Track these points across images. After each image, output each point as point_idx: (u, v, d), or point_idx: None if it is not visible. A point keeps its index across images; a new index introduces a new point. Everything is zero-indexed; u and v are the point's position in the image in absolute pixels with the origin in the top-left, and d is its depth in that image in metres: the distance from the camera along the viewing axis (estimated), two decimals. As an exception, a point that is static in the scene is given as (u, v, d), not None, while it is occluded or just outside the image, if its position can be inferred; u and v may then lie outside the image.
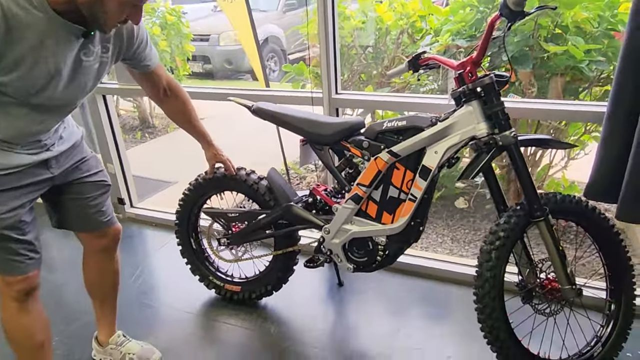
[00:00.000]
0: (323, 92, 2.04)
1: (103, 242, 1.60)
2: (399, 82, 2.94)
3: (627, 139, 1.41)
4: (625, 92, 1.37)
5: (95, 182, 1.53)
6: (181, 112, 1.69)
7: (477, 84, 1.48)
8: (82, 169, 1.50)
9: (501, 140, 1.48)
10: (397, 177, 1.63)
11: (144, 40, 1.43)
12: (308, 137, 1.74)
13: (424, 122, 1.57)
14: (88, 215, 1.53)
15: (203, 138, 1.79)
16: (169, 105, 1.66)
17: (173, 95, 1.64)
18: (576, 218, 1.61)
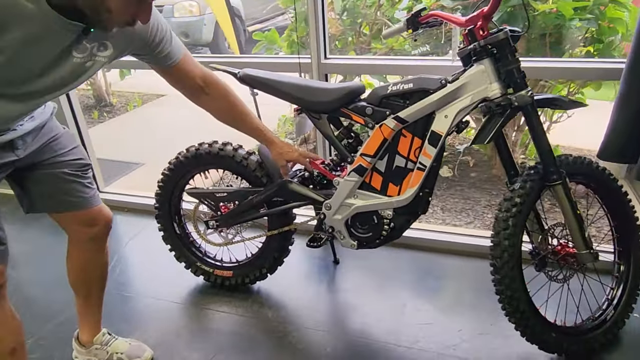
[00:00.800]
0: (312, 57, 1.88)
1: (93, 230, 1.41)
2: (380, 46, 2.80)
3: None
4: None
5: (69, 161, 1.33)
6: (226, 110, 1.48)
7: (490, 40, 1.36)
8: (53, 147, 1.30)
9: (517, 100, 1.38)
10: (403, 145, 1.51)
11: (165, 37, 1.23)
12: (304, 105, 1.59)
13: (432, 84, 1.45)
14: (67, 190, 1.33)
15: (261, 136, 1.57)
16: (210, 104, 1.45)
17: (212, 92, 1.42)
18: (587, 180, 1.55)
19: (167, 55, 1.27)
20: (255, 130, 1.55)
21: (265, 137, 1.58)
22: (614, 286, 1.63)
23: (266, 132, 1.57)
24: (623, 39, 2.52)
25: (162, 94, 4.97)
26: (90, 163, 1.40)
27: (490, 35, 1.38)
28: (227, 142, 1.76)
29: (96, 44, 1.09)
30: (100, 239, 1.46)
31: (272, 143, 1.59)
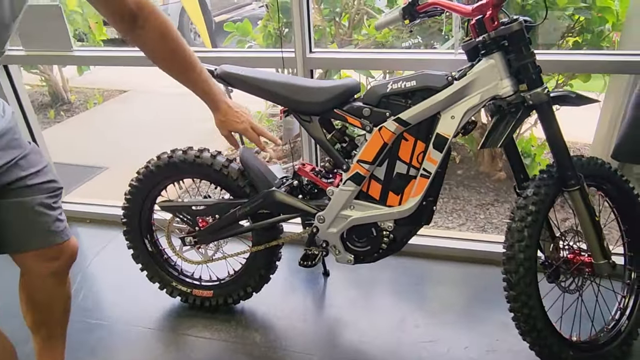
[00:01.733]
0: (296, 51, 1.69)
1: (55, 264, 1.18)
2: (362, 38, 2.64)
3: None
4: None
5: (39, 185, 1.10)
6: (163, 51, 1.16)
7: (502, 31, 1.22)
8: (22, 166, 1.06)
9: (532, 98, 1.24)
10: (405, 150, 1.36)
11: None
12: (292, 106, 1.40)
13: (438, 81, 1.29)
14: (35, 225, 1.10)
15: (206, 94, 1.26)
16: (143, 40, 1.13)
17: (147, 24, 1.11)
18: (600, 182, 1.44)
19: None
20: (199, 85, 1.24)
21: (209, 97, 1.27)
22: (626, 294, 1.54)
23: (212, 91, 1.26)
24: (613, 29, 2.45)
25: (124, 90, 4.65)
26: (62, 187, 1.17)
27: (501, 26, 1.23)
28: (204, 148, 1.57)
29: None
30: (63, 271, 1.24)
31: (216, 108, 1.30)
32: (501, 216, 2.33)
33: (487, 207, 2.40)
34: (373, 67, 2.02)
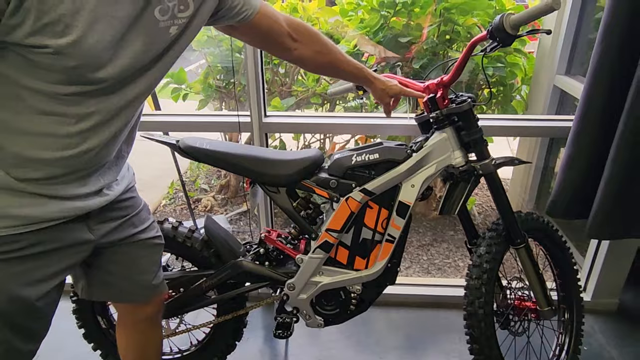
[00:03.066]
0: (252, 116, 1.72)
1: (149, 310, 1.26)
2: (300, 89, 2.72)
3: (592, 157, 1.43)
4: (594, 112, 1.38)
5: (147, 240, 1.13)
6: (325, 53, 1.27)
7: (454, 110, 1.35)
8: (134, 223, 1.09)
9: (481, 168, 1.39)
10: (370, 217, 1.43)
11: None
12: (260, 179, 1.42)
13: (398, 154, 1.39)
14: (137, 283, 1.18)
15: (363, 73, 1.36)
16: (304, 51, 1.23)
17: (303, 35, 1.21)
18: (535, 234, 1.62)
19: (246, 3, 1.07)
20: (357, 71, 1.36)
21: (365, 75, 1.38)
22: (562, 331, 1.72)
23: (362, 72, 1.38)
24: (522, 83, 2.77)
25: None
26: (164, 242, 1.24)
27: (452, 104, 1.37)
28: (164, 218, 1.53)
29: (176, 2, 0.88)
30: (157, 316, 1.32)
31: (371, 82, 1.40)
32: (441, 256, 2.49)
33: (428, 247, 2.56)
34: (328, 131, 2.10)
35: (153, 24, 0.85)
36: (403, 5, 2.45)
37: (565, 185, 1.50)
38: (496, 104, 2.78)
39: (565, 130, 1.58)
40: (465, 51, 1.29)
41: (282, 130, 2.07)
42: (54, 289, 0.98)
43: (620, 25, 1.26)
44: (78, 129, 0.86)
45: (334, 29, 2.72)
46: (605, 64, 1.31)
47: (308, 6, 2.56)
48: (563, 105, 2.41)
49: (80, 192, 0.94)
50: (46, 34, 0.73)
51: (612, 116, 1.34)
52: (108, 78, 0.83)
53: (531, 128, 1.73)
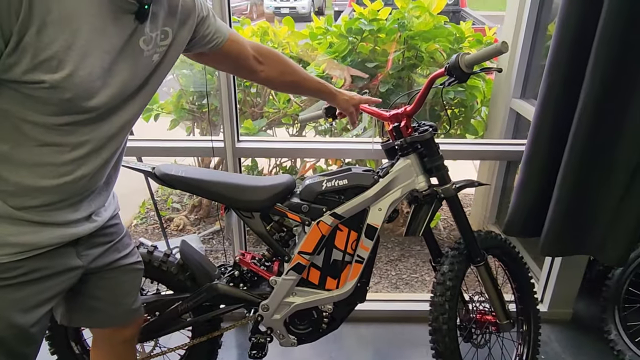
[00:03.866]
0: (225, 141, 1.77)
1: (127, 333, 1.28)
2: (272, 110, 2.79)
3: (543, 181, 1.56)
4: (543, 139, 1.51)
5: (129, 265, 1.16)
6: (288, 73, 1.37)
7: (417, 138, 1.45)
8: (118, 248, 1.12)
9: (443, 192, 1.49)
10: (340, 239, 1.51)
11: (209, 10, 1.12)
12: (235, 204, 1.48)
13: (366, 179, 1.48)
14: (121, 306, 1.21)
15: (326, 89, 1.47)
16: (270, 73, 1.34)
17: (268, 58, 1.32)
18: (494, 251, 1.73)
19: (217, 30, 1.15)
20: (320, 86, 1.46)
21: (328, 89, 1.49)
22: (521, 341, 1.83)
23: (323, 87, 1.48)
24: (481, 104, 2.93)
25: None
26: (143, 267, 1.26)
27: (416, 132, 1.47)
28: (140, 242, 1.56)
29: (158, 32, 0.96)
30: (133, 338, 1.34)
31: (335, 95, 1.50)
32: (409, 271, 2.59)
33: (396, 263, 2.65)
34: (300, 156, 2.18)
35: (138, 53, 0.93)
36: (369, 31, 2.57)
37: (520, 207, 1.62)
38: (458, 123, 2.93)
39: (519, 154, 1.71)
40: (425, 85, 1.40)
41: (255, 155, 2.14)
42: (45, 315, 1.01)
43: (564, 59, 1.39)
44: (73, 156, 0.92)
45: (304, 52, 2.81)
46: (552, 95, 1.44)
47: (278, 31, 2.64)
48: (519, 127, 2.57)
49: (73, 218, 0.99)
50: (42, 70, 0.78)
51: (560, 143, 1.47)
52: (99, 106, 0.89)
53: (488, 152, 1.85)
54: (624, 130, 1.39)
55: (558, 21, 1.39)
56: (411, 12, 2.54)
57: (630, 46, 1.29)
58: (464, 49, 2.74)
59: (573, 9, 1.35)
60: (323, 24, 2.79)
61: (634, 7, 1.25)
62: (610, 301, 2.00)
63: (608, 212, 1.48)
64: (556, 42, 1.40)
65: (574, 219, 1.51)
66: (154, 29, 0.95)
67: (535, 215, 1.60)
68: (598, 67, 1.30)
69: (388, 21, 2.57)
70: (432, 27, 2.53)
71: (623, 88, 1.35)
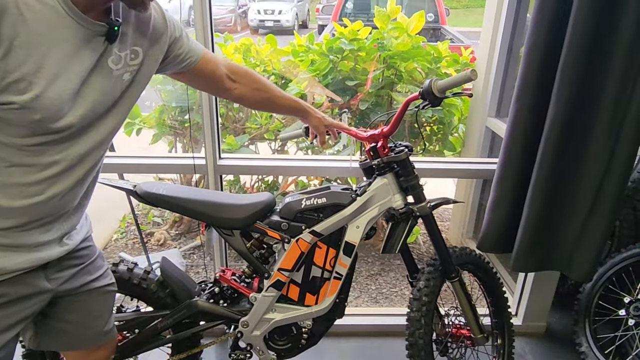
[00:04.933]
0: (207, 158, 1.80)
1: (100, 354, 1.27)
2: (254, 126, 2.83)
3: (514, 200, 1.62)
4: (513, 162, 1.58)
5: (101, 287, 1.16)
6: (262, 90, 1.40)
7: (393, 158, 1.50)
8: (89, 271, 1.12)
9: (419, 210, 1.54)
10: (319, 256, 1.54)
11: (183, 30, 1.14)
12: (215, 222, 1.50)
13: (344, 198, 1.52)
14: (92, 328, 1.20)
15: (299, 106, 1.49)
16: (243, 91, 1.36)
17: (241, 76, 1.35)
18: (469, 267, 1.79)
19: (190, 50, 1.18)
20: (294, 103, 1.49)
21: (302, 107, 1.51)
22: (495, 354, 1.88)
23: (298, 104, 1.50)
24: (459, 122, 3.02)
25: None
26: (116, 289, 1.26)
27: (392, 152, 1.52)
28: (119, 260, 1.57)
29: (127, 52, 0.98)
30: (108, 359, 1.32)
31: (308, 113, 1.53)
32: (389, 285, 2.63)
33: (376, 277, 2.69)
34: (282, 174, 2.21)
35: (107, 72, 0.95)
36: (350, 51, 2.63)
37: (492, 224, 1.68)
38: (437, 140, 3.01)
39: (491, 173, 1.78)
40: (401, 108, 1.45)
41: (237, 172, 2.17)
42: (13, 339, 1.01)
43: (532, 85, 1.47)
44: (44, 176, 0.93)
45: (286, 68, 2.86)
46: (520, 119, 1.51)
47: (261, 49, 2.69)
48: (494, 144, 2.66)
49: (43, 240, 0.99)
50: (11, 91, 0.81)
51: (529, 164, 1.54)
52: (69, 126, 0.91)
53: (464, 170, 1.92)
54: (588, 151, 1.46)
55: (525, 48, 1.47)
56: (390, 33, 2.62)
57: (593, 71, 1.37)
58: (442, 69, 2.83)
59: (539, 36, 1.42)
60: (305, 42, 2.85)
61: (597, 33, 1.32)
62: (581, 314, 2.07)
63: (574, 229, 1.54)
64: (524, 69, 1.47)
65: (542, 236, 1.57)
66: (123, 49, 0.98)
67: (507, 232, 1.66)
68: (563, 91, 1.38)
69: (368, 40, 2.64)
70: (411, 47, 2.61)
71: (586, 111, 1.42)
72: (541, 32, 1.40)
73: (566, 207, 1.53)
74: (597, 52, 1.33)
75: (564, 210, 1.54)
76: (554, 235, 1.57)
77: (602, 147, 1.43)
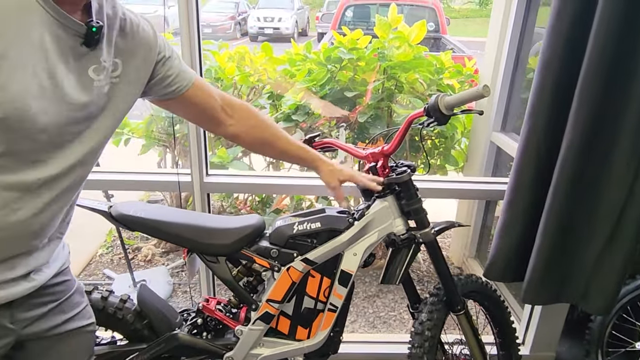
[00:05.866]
0: (192, 175, 1.67)
1: None
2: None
3: (526, 225, 1.49)
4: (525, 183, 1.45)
5: (79, 328, 1.03)
6: (261, 128, 1.24)
7: (394, 180, 1.37)
8: (63, 309, 0.98)
9: (421, 237, 1.40)
10: (312, 286, 1.41)
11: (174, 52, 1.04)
12: (198, 248, 1.37)
13: (340, 223, 1.38)
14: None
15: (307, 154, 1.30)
16: (239, 127, 1.21)
17: (237, 112, 1.19)
18: (476, 296, 1.65)
19: (182, 73, 1.06)
20: (301, 152, 1.30)
21: (311, 157, 1.31)
22: (503, 390, 1.75)
23: (307, 154, 1.31)
24: (461, 135, 2.90)
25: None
26: (96, 328, 1.13)
27: (393, 173, 1.39)
28: (93, 287, 1.43)
29: (111, 62, 0.89)
30: None
31: (319, 165, 1.33)
32: (387, 308, 2.49)
33: (374, 299, 2.55)
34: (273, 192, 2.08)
35: (87, 82, 0.86)
36: (349, 60, 2.52)
37: (501, 251, 1.55)
38: (438, 154, 2.88)
39: (499, 194, 1.65)
40: (404, 126, 1.33)
41: (225, 191, 2.03)
42: None
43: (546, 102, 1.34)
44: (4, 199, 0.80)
45: (282, 77, 2.74)
46: (534, 138, 1.39)
47: (255, 57, 2.57)
48: (499, 160, 2.53)
49: (7, 277, 0.86)
50: None
51: (543, 187, 1.41)
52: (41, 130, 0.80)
53: (469, 191, 1.79)
54: (610, 174, 1.34)
55: (540, 61, 1.35)
56: (391, 42, 2.50)
57: (614, 89, 1.25)
58: (444, 80, 2.71)
59: (556, 48, 1.30)
60: (302, 50, 2.73)
61: (619, 49, 1.20)
62: (593, 345, 1.93)
63: (592, 259, 1.41)
64: (538, 83, 1.35)
65: (556, 267, 1.44)
66: (107, 59, 0.88)
67: (518, 259, 1.53)
68: (582, 110, 1.25)
69: (368, 49, 2.52)
70: (412, 57, 2.49)
71: (607, 132, 1.30)
72: (558, 44, 1.27)
73: (583, 234, 1.40)
74: (621, 68, 1.20)
75: (580, 237, 1.41)
76: (569, 264, 1.44)
77: (624, 169, 1.30)
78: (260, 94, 2.69)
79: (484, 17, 16.09)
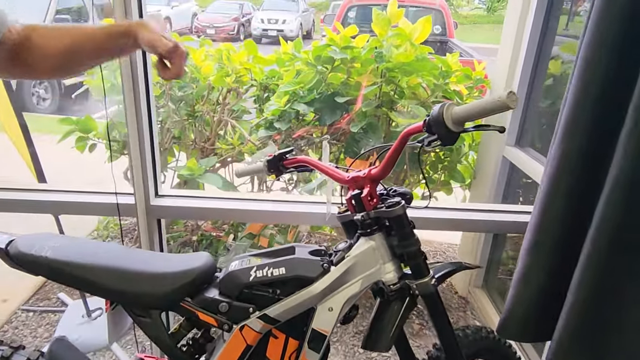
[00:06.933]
0: (136, 195, 1.34)
1: None
2: (225, 147, 2.38)
3: (552, 272, 1.16)
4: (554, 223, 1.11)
5: None
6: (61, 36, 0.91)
7: (384, 214, 1.04)
8: None
9: (418, 288, 1.07)
10: (275, 349, 1.08)
11: None
12: (123, 300, 1.04)
13: (311, 269, 1.06)
14: None
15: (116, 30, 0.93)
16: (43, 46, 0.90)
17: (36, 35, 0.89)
18: (487, 355, 1.32)
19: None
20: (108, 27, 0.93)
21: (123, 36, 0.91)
22: None
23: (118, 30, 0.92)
24: (469, 149, 2.56)
25: None
26: None
27: (382, 205, 1.06)
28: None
29: None
30: None
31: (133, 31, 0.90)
32: (380, 347, 2.15)
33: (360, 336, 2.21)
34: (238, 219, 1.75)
35: None
36: (342, 61, 2.19)
37: (518, 304, 1.21)
38: (443, 168, 2.55)
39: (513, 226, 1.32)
40: (396, 144, 1.00)
41: (179, 216, 1.70)
42: None
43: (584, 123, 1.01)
44: None
45: (269, 78, 2.43)
46: (567, 167, 1.05)
47: (233, 56, 2.25)
48: (512, 178, 2.20)
49: None
50: None
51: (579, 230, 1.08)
52: None
53: (479, 222, 1.45)
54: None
55: (578, 72, 1.02)
56: (390, 41, 2.17)
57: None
58: (451, 85, 2.38)
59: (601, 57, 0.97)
60: (290, 49, 2.42)
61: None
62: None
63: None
64: (575, 100, 1.02)
65: (594, 328, 1.10)
66: None
67: (541, 314, 1.20)
68: (635, 135, 0.92)
69: (364, 49, 2.19)
70: (414, 58, 2.17)
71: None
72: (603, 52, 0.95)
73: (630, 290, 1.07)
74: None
75: (626, 295, 1.07)
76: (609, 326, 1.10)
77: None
78: (241, 97, 2.37)
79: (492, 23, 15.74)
